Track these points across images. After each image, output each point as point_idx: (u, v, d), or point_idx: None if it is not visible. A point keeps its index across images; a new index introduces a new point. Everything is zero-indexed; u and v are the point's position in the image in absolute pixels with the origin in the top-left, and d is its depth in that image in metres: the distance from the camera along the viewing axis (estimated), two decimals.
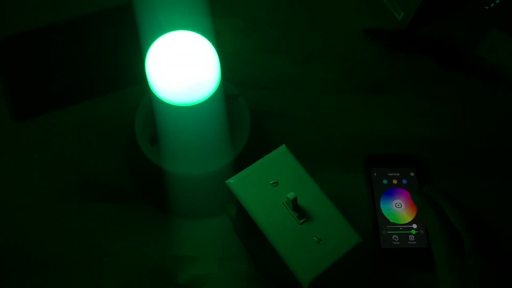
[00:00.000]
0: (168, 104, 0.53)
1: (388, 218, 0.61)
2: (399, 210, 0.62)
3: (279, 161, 0.50)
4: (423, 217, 0.57)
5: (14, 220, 0.61)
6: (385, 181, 0.63)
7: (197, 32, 0.54)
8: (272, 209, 0.48)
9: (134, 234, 0.61)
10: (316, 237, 0.47)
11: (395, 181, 0.63)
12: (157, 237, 0.61)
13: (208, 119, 0.58)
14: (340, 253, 0.46)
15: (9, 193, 0.63)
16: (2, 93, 0.68)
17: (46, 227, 0.61)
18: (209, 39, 0.55)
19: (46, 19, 0.73)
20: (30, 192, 0.63)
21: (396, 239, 0.60)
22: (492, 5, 0.75)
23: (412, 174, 0.64)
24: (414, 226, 0.61)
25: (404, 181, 0.63)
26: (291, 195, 0.46)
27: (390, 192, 0.63)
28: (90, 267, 0.59)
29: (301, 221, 0.47)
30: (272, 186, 0.49)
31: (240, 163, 0.59)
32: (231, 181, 0.49)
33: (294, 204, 0.47)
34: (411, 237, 0.60)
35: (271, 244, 0.47)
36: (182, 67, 0.52)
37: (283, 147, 0.51)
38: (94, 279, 0.59)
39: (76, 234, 0.61)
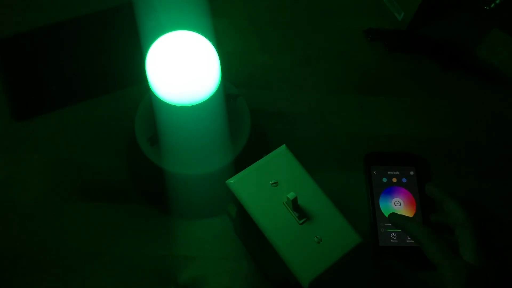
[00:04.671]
0: (168, 104, 0.53)
1: (387, 216, 0.61)
2: (398, 208, 0.62)
3: (279, 161, 0.50)
4: (407, 232, 0.56)
5: (14, 220, 0.61)
6: (384, 179, 0.63)
7: (197, 32, 0.54)
8: (272, 209, 0.48)
9: (134, 234, 0.61)
10: (316, 237, 0.47)
11: (394, 180, 0.64)
12: (157, 237, 0.61)
13: (208, 119, 0.58)
14: (340, 253, 0.46)
15: (9, 193, 0.63)
16: (2, 93, 0.68)
17: (46, 227, 0.61)
18: (209, 39, 0.55)
19: (46, 19, 0.73)
20: (30, 192, 0.63)
21: (394, 237, 0.60)
22: (492, 5, 0.75)
23: (412, 173, 0.64)
24: None
25: (404, 180, 0.64)
26: (291, 195, 0.46)
27: (389, 190, 0.63)
28: (90, 267, 0.59)
29: (301, 221, 0.47)
30: (272, 186, 0.49)
31: (240, 163, 0.59)
32: (231, 181, 0.49)
33: (294, 204, 0.47)
34: None
35: (271, 244, 0.47)
36: (182, 67, 0.52)
37: (283, 147, 0.51)
38: (94, 278, 0.59)
39: (76, 234, 0.61)
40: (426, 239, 0.53)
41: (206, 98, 0.54)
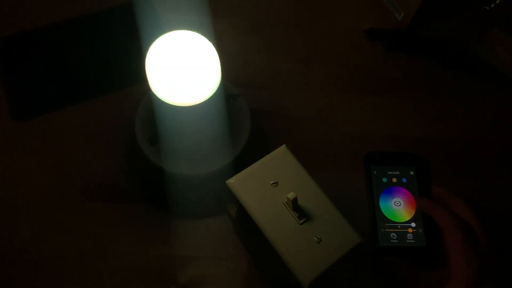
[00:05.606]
0: (168, 104, 0.53)
1: (386, 216, 0.61)
2: (398, 208, 0.62)
3: (279, 161, 0.50)
4: (435, 217, 0.57)
5: (14, 220, 0.61)
6: (384, 179, 0.63)
7: (197, 32, 0.54)
8: (272, 209, 0.48)
9: (134, 234, 0.61)
10: (316, 237, 0.47)
11: (394, 180, 0.63)
12: (157, 237, 0.61)
13: (208, 119, 0.58)
14: (340, 253, 0.46)
15: (9, 193, 0.63)
16: (2, 93, 0.68)
17: (46, 227, 0.61)
18: (209, 39, 0.55)
19: (46, 19, 0.73)
20: (30, 192, 0.63)
21: (394, 237, 0.60)
22: (492, 5, 0.75)
23: (412, 173, 0.64)
24: (413, 224, 0.61)
25: (404, 180, 0.63)
26: (291, 195, 0.46)
27: (389, 190, 0.63)
28: (90, 267, 0.59)
29: (301, 221, 0.47)
30: (272, 186, 0.49)
31: (240, 163, 0.59)
32: (231, 181, 0.49)
33: (294, 204, 0.47)
34: (410, 236, 0.60)
35: (271, 244, 0.47)
36: (182, 67, 0.52)
37: (283, 147, 0.51)
38: (94, 279, 0.59)
39: (76, 234, 0.61)
40: (452, 226, 0.53)
41: (206, 98, 0.54)
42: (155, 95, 0.54)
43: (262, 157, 0.51)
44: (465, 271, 0.50)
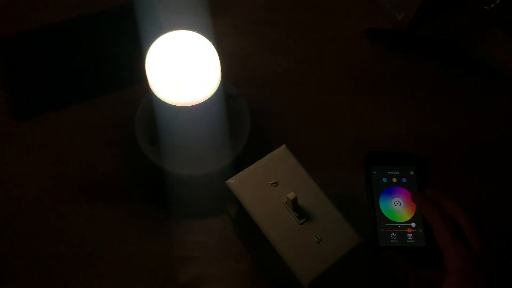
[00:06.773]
0: (168, 104, 0.53)
1: (386, 216, 0.61)
2: (398, 208, 0.62)
3: (279, 161, 0.50)
4: (425, 214, 0.58)
5: (14, 220, 0.61)
6: (384, 179, 0.64)
7: (197, 32, 0.54)
8: (272, 209, 0.48)
9: (134, 234, 0.61)
10: (316, 237, 0.47)
11: (394, 180, 0.64)
12: (157, 237, 0.61)
13: (208, 119, 0.58)
14: (340, 253, 0.46)
15: (9, 193, 0.63)
16: (2, 93, 0.68)
17: (46, 227, 0.61)
18: (209, 39, 0.55)
19: (46, 19, 0.73)
20: (30, 192, 0.63)
21: (394, 237, 0.60)
22: (492, 5, 0.75)
23: (412, 173, 0.64)
24: (413, 224, 0.61)
25: (404, 180, 0.64)
26: (291, 195, 0.46)
27: (389, 190, 0.63)
28: (89, 267, 0.59)
29: (301, 221, 0.47)
30: (272, 186, 0.49)
31: (240, 163, 0.59)
32: (231, 181, 0.49)
33: (294, 204, 0.47)
34: (410, 236, 0.60)
35: (271, 244, 0.47)
36: (182, 67, 0.52)
37: (283, 147, 0.51)
38: (94, 279, 0.59)
39: (76, 234, 0.61)
40: (442, 224, 0.54)
41: (206, 98, 0.54)
42: (155, 95, 0.54)
43: (262, 157, 0.51)
44: (459, 264, 0.51)
